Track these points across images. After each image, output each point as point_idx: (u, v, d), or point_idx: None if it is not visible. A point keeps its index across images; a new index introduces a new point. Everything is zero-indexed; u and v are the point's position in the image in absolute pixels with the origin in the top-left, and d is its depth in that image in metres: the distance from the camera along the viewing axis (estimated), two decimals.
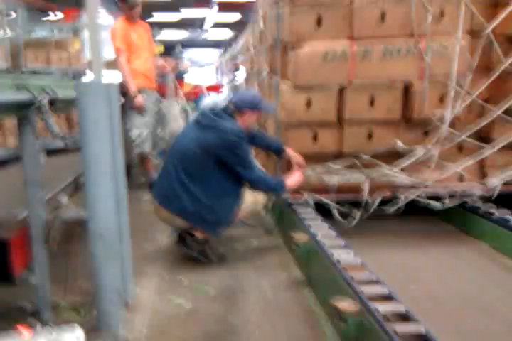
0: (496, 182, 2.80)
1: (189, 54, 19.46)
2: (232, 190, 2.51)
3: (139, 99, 3.82)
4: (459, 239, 2.84)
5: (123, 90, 3.86)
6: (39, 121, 1.75)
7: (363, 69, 2.72)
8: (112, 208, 1.90)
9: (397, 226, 2.99)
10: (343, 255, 2.07)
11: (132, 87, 3.79)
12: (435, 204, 2.74)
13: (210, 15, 17.01)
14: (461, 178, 2.89)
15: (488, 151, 2.72)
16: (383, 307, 1.58)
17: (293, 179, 2.64)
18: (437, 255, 2.61)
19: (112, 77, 3.78)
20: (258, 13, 3.76)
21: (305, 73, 2.73)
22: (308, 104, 2.76)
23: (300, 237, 2.35)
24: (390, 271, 2.26)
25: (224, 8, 15.36)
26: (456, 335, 1.79)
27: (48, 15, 11.14)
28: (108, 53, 3.83)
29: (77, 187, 3.44)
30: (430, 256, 2.60)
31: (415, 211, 2.86)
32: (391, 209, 2.72)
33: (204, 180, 2.42)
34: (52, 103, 1.76)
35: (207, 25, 19.00)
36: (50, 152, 1.86)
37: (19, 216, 1.91)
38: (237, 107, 2.48)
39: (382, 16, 2.70)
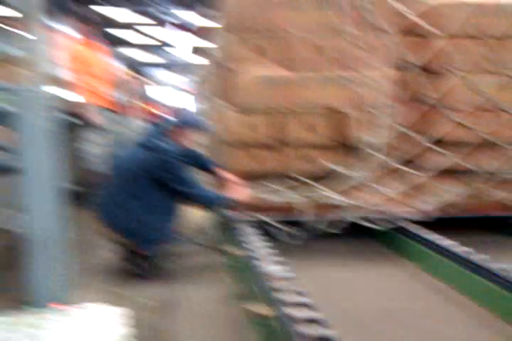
0: (429, 206, 3.01)
1: (158, 75, 19.63)
2: (172, 210, 2.60)
3: (93, 117, 3.91)
4: (389, 259, 2.97)
5: (77, 108, 3.97)
6: None
7: (302, 97, 2.93)
8: (50, 218, 1.98)
9: (333, 246, 3.13)
10: (269, 268, 2.18)
11: (86, 105, 3.88)
12: (373, 226, 2.91)
13: (183, 38, 17.31)
14: (393, 201, 3.08)
15: (419, 178, 2.96)
16: (294, 312, 1.68)
17: (233, 193, 2.73)
18: (367, 276, 2.71)
19: (66, 96, 3.87)
20: (212, 39, 3.97)
21: (247, 98, 2.92)
22: (251, 127, 2.94)
23: (233, 252, 2.47)
24: (319, 286, 2.40)
25: (199, 33, 15.67)
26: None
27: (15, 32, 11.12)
28: (63, 72, 3.94)
29: None
30: (360, 276, 2.71)
31: (353, 232, 3.03)
32: (327, 229, 2.88)
33: (143, 197, 2.51)
34: None
35: (179, 48, 19.30)
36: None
37: None
38: (175, 127, 2.61)
39: (319, 49, 2.94)
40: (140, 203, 2.50)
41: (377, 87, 2.96)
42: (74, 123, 4.12)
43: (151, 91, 11.45)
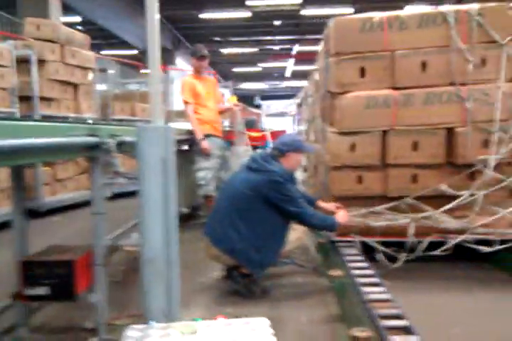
0: None
1: (267, 104, 20.38)
2: (278, 232, 2.67)
3: (204, 144, 4.18)
4: (503, 283, 2.75)
5: (191, 136, 4.28)
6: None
7: (405, 116, 2.86)
8: (161, 238, 2.15)
9: (442, 270, 2.96)
10: (373, 291, 2.13)
11: (198, 134, 4.17)
12: (482, 248, 2.72)
13: (288, 67, 17.94)
14: (504, 221, 2.84)
15: None
16: (397, 338, 1.63)
17: (340, 217, 2.74)
18: (482, 300, 2.55)
19: (181, 126, 4.20)
20: (316, 64, 4.06)
21: (348, 119, 2.92)
22: (352, 148, 2.93)
23: (336, 273, 2.45)
24: (428, 313, 2.28)
25: (301, 59, 16.17)
26: None
27: (139, 70, 12.38)
28: (178, 104, 4.30)
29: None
30: (473, 300, 2.56)
31: (463, 256, 2.84)
32: (436, 252, 2.74)
33: (253, 220, 2.61)
34: (119, 145, 2.08)
35: (284, 75, 20.00)
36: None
37: (86, 243, 2.22)
38: (280, 151, 2.71)
39: (424, 66, 2.86)
40: (248, 225, 2.59)
41: (490, 101, 2.80)
42: (186, 149, 4.45)
43: (258, 118, 11.95)
